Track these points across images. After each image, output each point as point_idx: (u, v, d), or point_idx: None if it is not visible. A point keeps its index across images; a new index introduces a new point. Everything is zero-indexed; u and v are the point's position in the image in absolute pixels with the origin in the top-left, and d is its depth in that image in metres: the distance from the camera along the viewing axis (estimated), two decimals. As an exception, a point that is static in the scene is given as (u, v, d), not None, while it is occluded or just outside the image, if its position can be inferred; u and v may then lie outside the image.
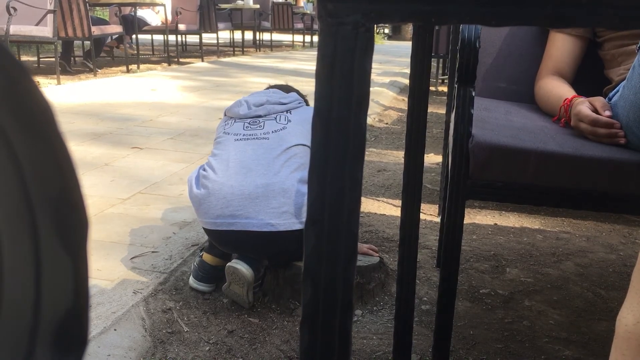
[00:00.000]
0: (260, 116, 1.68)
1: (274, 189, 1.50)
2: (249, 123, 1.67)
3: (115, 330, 1.38)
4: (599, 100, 1.19)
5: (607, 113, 1.14)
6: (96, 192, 2.37)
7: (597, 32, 1.51)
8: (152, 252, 1.82)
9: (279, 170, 1.53)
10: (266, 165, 1.54)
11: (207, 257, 1.61)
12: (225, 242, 1.55)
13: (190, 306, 1.54)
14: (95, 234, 1.96)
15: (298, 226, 1.49)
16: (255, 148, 1.58)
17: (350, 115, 0.38)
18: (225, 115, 1.77)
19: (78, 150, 3.04)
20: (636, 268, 0.67)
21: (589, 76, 1.51)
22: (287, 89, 1.87)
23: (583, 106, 1.18)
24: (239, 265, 1.50)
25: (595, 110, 1.16)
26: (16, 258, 0.20)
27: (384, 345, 1.40)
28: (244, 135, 1.63)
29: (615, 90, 1.28)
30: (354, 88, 0.37)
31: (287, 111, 1.71)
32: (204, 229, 1.58)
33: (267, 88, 1.89)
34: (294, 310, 1.54)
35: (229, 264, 1.51)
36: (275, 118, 1.68)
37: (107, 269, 1.70)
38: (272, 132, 1.63)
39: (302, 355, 0.41)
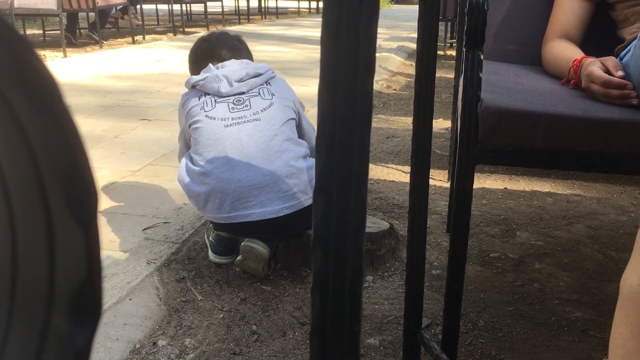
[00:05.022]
0: (242, 93, 1.58)
1: (280, 173, 1.46)
2: (234, 103, 1.56)
3: (130, 299, 1.41)
4: (611, 60, 1.16)
5: (620, 73, 1.12)
6: (106, 164, 2.38)
7: (607, -7, 1.48)
8: (164, 222, 1.84)
9: (280, 152, 1.49)
10: (266, 150, 1.48)
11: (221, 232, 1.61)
12: (242, 232, 1.53)
13: (204, 275, 1.56)
14: (107, 206, 1.97)
15: (309, 202, 1.48)
16: (250, 133, 1.50)
17: (356, 82, 0.37)
18: (194, 87, 1.62)
19: (87, 123, 3.04)
20: None
21: (597, 39, 1.49)
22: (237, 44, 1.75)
23: (595, 67, 1.16)
24: (255, 245, 1.49)
25: (607, 71, 1.15)
26: (30, 231, 0.20)
27: (395, 310, 1.42)
28: (232, 119, 1.52)
29: (626, 49, 1.25)
30: (360, 54, 0.37)
31: (266, 82, 1.62)
32: (214, 223, 1.56)
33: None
34: (305, 278, 1.56)
35: (244, 243, 1.51)
36: (260, 93, 1.58)
37: (120, 241, 1.72)
38: (262, 110, 1.54)
39: (314, 321, 0.42)
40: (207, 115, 1.54)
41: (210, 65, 1.64)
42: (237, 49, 1.74)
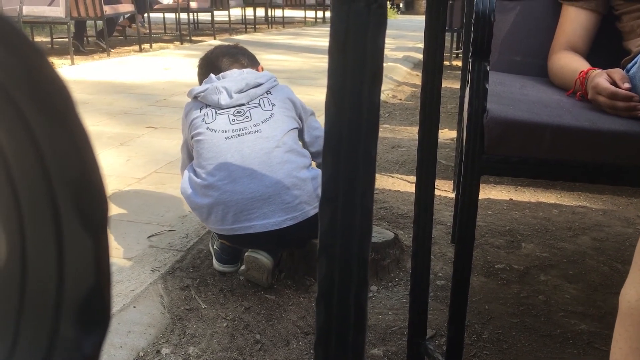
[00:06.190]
0: (243, 104, 1.58)
1: (283, 184, 1.46)
2: (234, 114, 1.55)
3: (134, 307, 1.41)
4: (617, 72, 1.16)
5: (627, 85, 1.12)
6: (112, 171, 2.39)
7: (614, 5, 1.48)
8: (169, 230, 1.84)
9: (282, 163, 1.48)
10: (268, 162, 1.48)
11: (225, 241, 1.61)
12: (245, 243, 1.53)
13: (208, 283, 1.56)
14: (112, 214, 1.98)
15: (313, 212, 1.48)
16: (251, 145, 1.49)
17: (363, 92, 0.38)
18: (196, 98, 1.62)
19: (93, 130, 3.06)
20: (639, 244, 0.67)
21: (604, 51, 1.49)
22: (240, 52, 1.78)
23: (601, 79, 1.16)
24: (259, 255, 1.49)
25: (614, 83, 1.14)
26: (39, 238, 0.20)
27: (400, 321, 1.42)
28: (233, 131, 1.52)
29: (633, 61, 1.25)
30: (367, 65, 0.37)
31: (267, 92, 1.62)
32: (217, 234, 1.55)
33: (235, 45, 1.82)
34: (309, 287, 1.56)
35: (248, 253, 1.51)
36: (260, 104, 1.58)
37: (124, 248, 1.72)
38: (262, 122, 1.53)
39: (318, 331, 0.42)
40: (209, 127, 1.54)
41: (212, 75, 1.64)
42: (234, 54, 1.76)
